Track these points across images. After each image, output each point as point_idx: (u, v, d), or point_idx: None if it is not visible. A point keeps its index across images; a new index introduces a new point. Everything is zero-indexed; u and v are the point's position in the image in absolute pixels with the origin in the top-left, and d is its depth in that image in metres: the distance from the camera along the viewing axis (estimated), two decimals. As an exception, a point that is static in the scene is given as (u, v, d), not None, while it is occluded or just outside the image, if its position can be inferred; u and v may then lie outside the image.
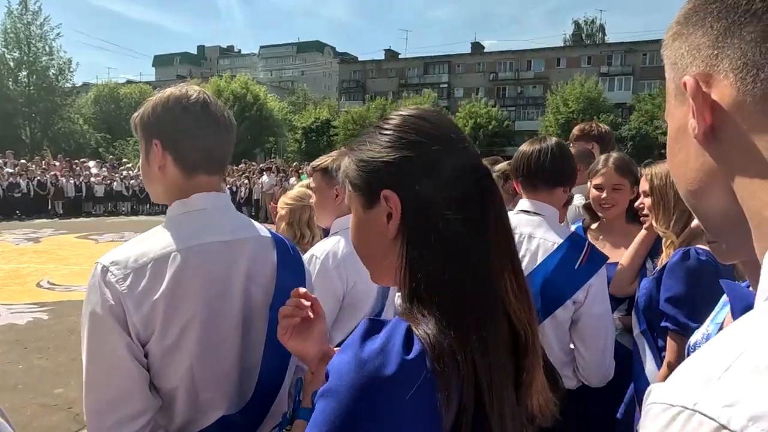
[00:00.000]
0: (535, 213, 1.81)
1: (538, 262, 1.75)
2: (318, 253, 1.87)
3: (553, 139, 1.88)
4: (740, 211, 0.48)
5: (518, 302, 0.75)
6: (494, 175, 2.99)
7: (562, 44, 53.33)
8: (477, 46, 55.58)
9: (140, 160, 1.29)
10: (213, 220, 1.22)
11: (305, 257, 1.88)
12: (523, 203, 1.86)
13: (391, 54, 58.81)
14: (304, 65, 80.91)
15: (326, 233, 2.17)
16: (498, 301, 0.74)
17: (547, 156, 1.80)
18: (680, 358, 1.75)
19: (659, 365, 1.86)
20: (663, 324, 1.82)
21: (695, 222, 0.65)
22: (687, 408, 0.35)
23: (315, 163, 2.06)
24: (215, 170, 1.27)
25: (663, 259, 1.90)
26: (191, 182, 1.22)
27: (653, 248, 2.28)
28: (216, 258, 1.18)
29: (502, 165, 2.91)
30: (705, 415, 0.33)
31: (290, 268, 1.32)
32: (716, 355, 0.37)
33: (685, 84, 0.49)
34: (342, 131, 44.42)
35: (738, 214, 0.49)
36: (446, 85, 52.38)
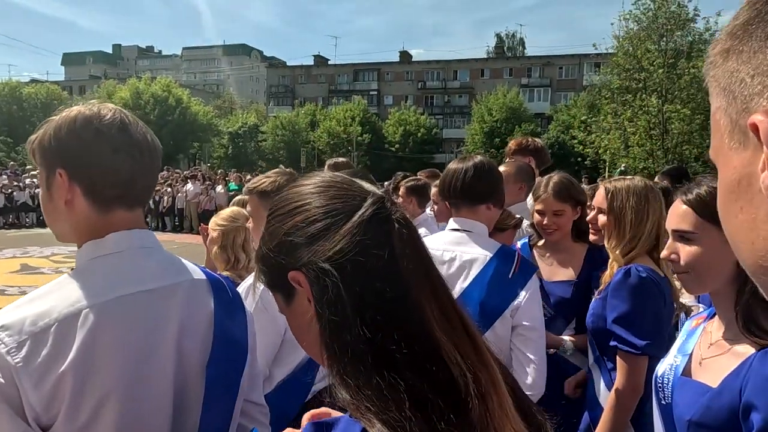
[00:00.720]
0: (464, 230, 1.85)
1: (473, 276, 1.77)
2: (257, 283, 1.69)
3: (477, 158, 1.91)
4: None
5: (450, 342, 0.65)
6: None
7: (485, 56, 55.50)
8: (405, 55, 56.53)
9: (40, 193, 1.06)
10: (134, 265, 1.02)
11: (241, 288, 1.69)
12: (452, 222, 1.89)
13: (320, 59, 58.47)
14: (230, 68, 78.35)
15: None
16: (442, 360, 0.63)
17: (461, 176, 1.84)
18: (630, 376, 1.74)
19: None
20: (612, 343, 1.81)
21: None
22: None
23: (251, 185, 1.88)
24: (136, 203, 1.07)
25: (606, 279, 1.90)
26: (106, 219, 1.02)
27: (597, 263, 2.30)
28: (139, 313, 0.98)
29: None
30: None
31: (230, 314, 1.14)
32: None
33: (754, 125, 0.39)
34: (271, 137, 43.39)
35: None
36: (376, 92, 52.79)
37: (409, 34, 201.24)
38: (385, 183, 7.42)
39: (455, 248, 1.82)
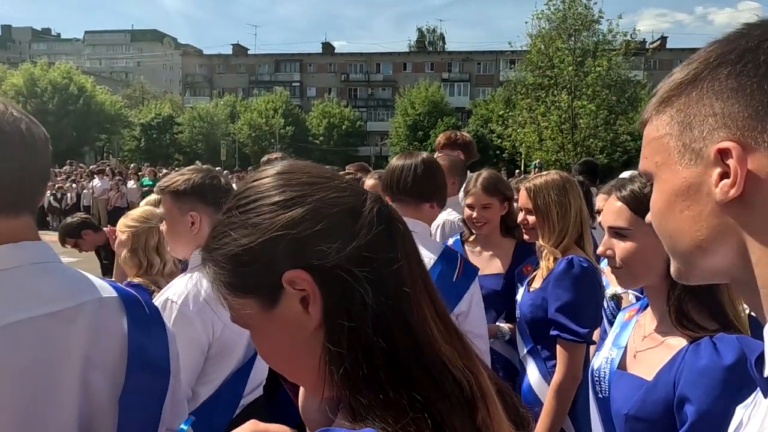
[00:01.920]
0: None
1: None
2: (174, 297, 1.52)
3: (422, 155, 1.86)
4: (742, 270, 0.54)
5: (450, 346, 0.63)
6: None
7: (407, 50, 56.21)
8: (328, 47, 55.92)
9: None
10: (24, 286, 0.86)
11: (158, 302, 1.52)
12: None
13: (239, 49, 56.30)
14: (140, 55, 73.34)
15: (184, 266, 1.81)
16: (446, 367, 0.61)
17: (410, 172, 1.78)
18: (571, 364, 1.79)
19: (548, 378, 1.89)
20: (553, 333, 1.85)
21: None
22: None
23: (163, 183, 1.69)
24: (22, 209, 0.89)
25: (543, 272, 1.95)
26: None
27: (525, 257, 2.36)
28: (31, 344, 0.83)
29: None
30: None
31: (148, 333, 1.00)
32: None
33: (726, 149, 0.52)
34: (188, 128, 41.24)
35: (737, 272, 0.55)
36: (298, 84, 51.81)
37: (331, 26, 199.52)
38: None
39: None
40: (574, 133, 22.97)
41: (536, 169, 13.87)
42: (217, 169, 3.84)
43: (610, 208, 1.24)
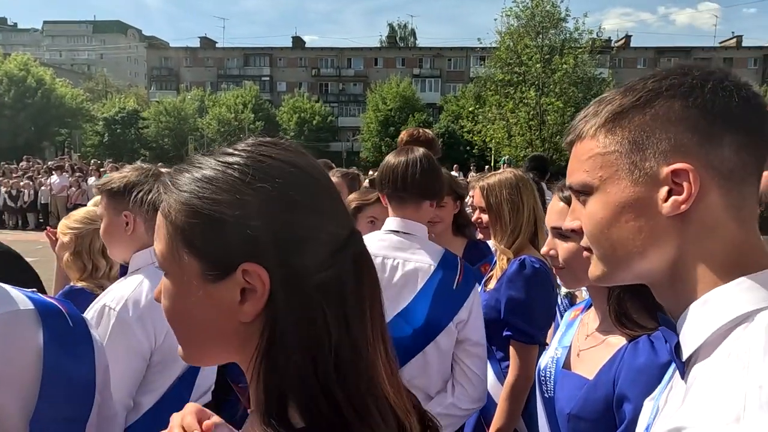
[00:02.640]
0: (405, 233, 1.71)
1: (419, 287, 1.66)
2: (112, 303, 1.45)
3: (421, 150, 1.77)
4: (667, 274, 0.64)
5: (394, 390, 0.62)
6: (335, 179, 2.77)
7: (378, 45, 56.06)
8: (298, 41, 55.24)
9: None
10: None
11: (95, 308, 1.46)
12: (392, 222, 1.74)
13: (207, 42, 55.07)
14: (102, 47, 70.98)
15: (123, 270, 1.73)
16: (390, 408, 0.61)
17: (416, 168, 1.68)
18: (524, 365, 1.79)
19: (502, 379, 1.89)
20: (505, 334, 1.85)
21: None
22: None
23: (102, 181, 1.62)
24: None
25: (498, 272, 1.95)
26: None
27: (476, 256, 2.37)
28: None
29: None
30: None
31: (68, 348, 0.94)
32: (728, 398, 0.52)
33: (675, 171, 0.60)
34: (154, 123, 40.19)
35: (662, 276, 0.64)
36: (268, 78, 51.04)
37: (301, 20, 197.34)
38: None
39: (397, 255, 1.68)
40: (542, 130, 23.35)
41: (505, 165, 14.05)
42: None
43: (553, 208, 1.24)
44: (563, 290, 2.10)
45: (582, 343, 1.22)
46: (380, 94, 39.55)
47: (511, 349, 1.83)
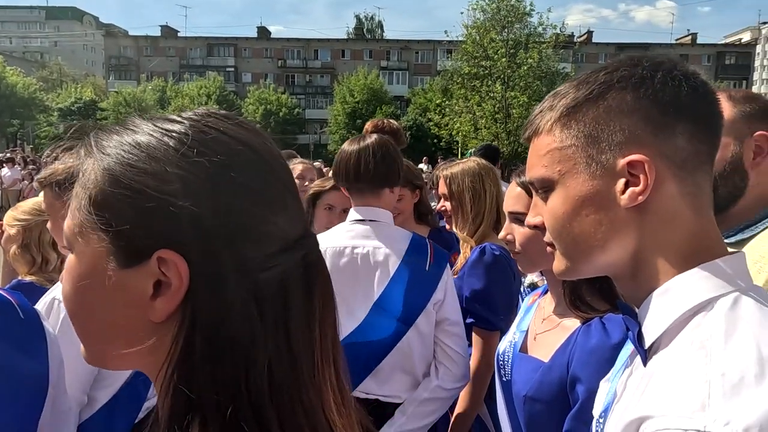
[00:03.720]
0: (370, 221, 1.69)
1: (392, 273, 1.65)
2: (62, 296, 1.39)
3: (374, 137, 1.74)
4: (628, 265, 0.64)
5: (345, 422, 0.54)
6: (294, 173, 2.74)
7: (346, 37, 55.61)
8: (263, 31, 54.21)
9: None
10: None
11: (43, 303, 1.40)
12: (356, 212, 1.72)
13: (168, 31, 53.43)
14: (56, 34, 67.89)
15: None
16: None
17: (369, 156, 1.66)
18: (485, 352, 1.81)
19: None
20: (468, 321, 1.87)
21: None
22: (700, 431, 0.50)
23: (43, 174, 1.55)
24: None
25: (461, 260, 1.96)
26: None
27: (440, 244, 2.38)
28: None
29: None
30: None
31: (19, 342, 0.90)
32: (693, 386, 0.53)
33: (640, 162, 0.60)
34: (113, 114, 38.77)
35: (623, 267, 0.65)
36: (233, 69, 49.97)
37: (266, 10, 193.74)
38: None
39: (366, 243, 1.67)
40: (507, 123, 23.70)
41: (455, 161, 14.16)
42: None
43: (510, 193, 1.25)
44: (527, 280, 2.14)
45: (538, 327, 1.24)
46: (348, 87, 39.29)
47: (473, 335, 1.85)
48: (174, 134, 0.51)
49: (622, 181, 0.62)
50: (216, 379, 0.47)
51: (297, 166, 3.27)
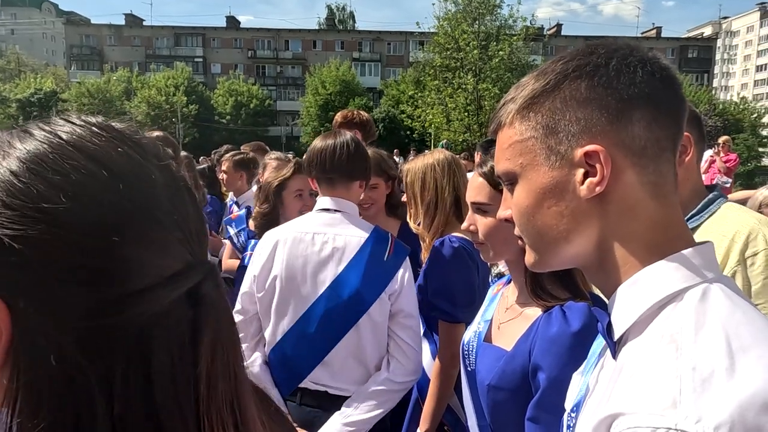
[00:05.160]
0: (335, 210, 1.76)
1: (347, 260, 1.70)
2: None
3: (348, 135, 1.83)
4: (594, 256, 0.63)
5: None
6: (267, 163, 2.71)
7: (317, 27, 54.98)
8: (233, 21, 53.14)
9: None
10: None
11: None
12: (323, 201, 1.79)
13: (133, 19, 51.87)
14: (13, 22, 65.05)
15: None
16: None
17: (343, 150, 1.76)
18: (449, 344, 1.82)
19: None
20: (433, 314, 1.87)
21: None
22: (671, 428, 0.48)
23: None
24: None
25: (424, 254, 1.96)
26: None
27: (411, 237, 2.38)
28: None
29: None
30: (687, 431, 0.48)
31: None
32: (663, 382, 0.52)
33: (595, 152, 0.59)
34: (75, 106, 37.48)
35: (590, 259, 0.64)
36: (201, 60, 48.89)
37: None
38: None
39: (327, 230, 1.73)
40: (479, 115, 23.90)
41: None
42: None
43: (472, 184, 1.25)
44: (495, 271, 2.15)
45: (502, 316, 1.25)
46: (320, 78, 38.92)
47: (440, 328, 1.86)
48: (14, 151, 0.42)
49: (580, 172, 0.60)
50: None
51: (272, 162, 3.18)
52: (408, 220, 2.01)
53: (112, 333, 0.41)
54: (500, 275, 2.19)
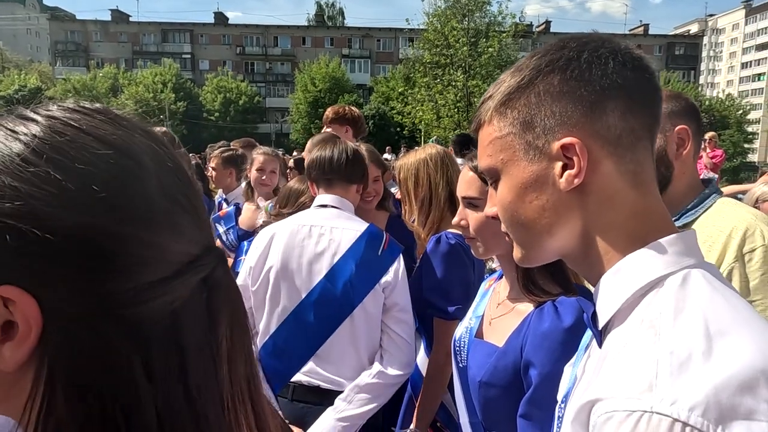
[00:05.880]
0: (333, 206, 1.81)
1: (343, 251, 1.74)
2: None
3: (348, 143, 1.92)
4: (579, 248, 0.64)
5: None
6: (259, 157, 2.72)
7: (306, 23, 54.69)
8: (221, 17, 52.68)
9: None
10: None
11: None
12: (321, 198, 1.84)
13: (119, 15, 51.18)
14: (-3, 17, 63.99)
15: None
16: None
17: (343, 155, 1.84)
18: (444, 341, 1.80)
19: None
20: (429, 311, 1.86)
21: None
22: (646, 411, 0.49)
23: None
24: None
25: (420, 250, 1.95)
26: None
27: (398, 230, 2.38)
28: None
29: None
30: (661, 413, 0.48)
31: None
32: (641, 366, 0.52)
33: (564, 146, 0.60)
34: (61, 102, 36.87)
35: (574, 250, 0.64)
36: (189, 56, 48.42)
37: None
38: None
39: (325, 223, 1.78)
40: (469, 111, 23.93)
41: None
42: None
43: (462, 178, 1.24)
44: (489, 267, 2.14)
45: (493, 312, 1.24)
46: (309, 75, 38.71)
47: (434, 326, 1.85)
48: (21, 136, 0.40)
49: (559, 165, 0.61)
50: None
51: (258, 158, 3.14)
52: (403, 217, 2.01)
53: (149, 319, 0.41)
54: (492, 271, 2.19)
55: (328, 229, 1.76)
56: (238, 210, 3.19)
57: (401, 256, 1.80)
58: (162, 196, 0.43)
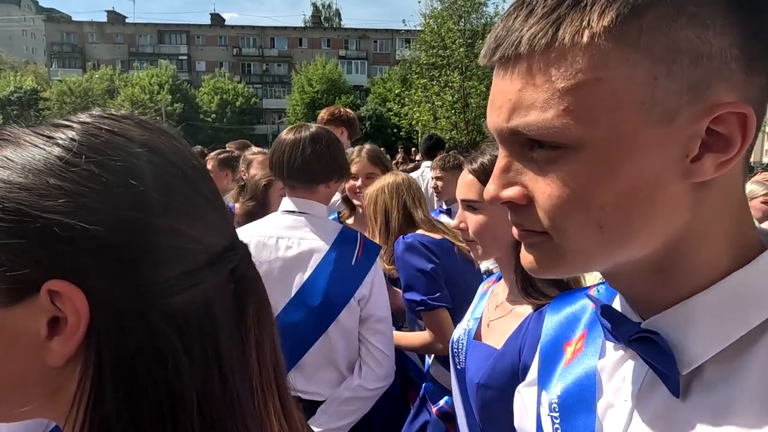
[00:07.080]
0: (300, 213, 1.67)
1: (313, 266, 1.62)
2: None
3: (311, 129, 1.66)
4: (647, 256, 0.45)
5: None
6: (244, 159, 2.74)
7: (303, 25, 54.68)
8: (217, 18, 52.62)
9: None
10: None
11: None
12: (287, 203, 1.69)
13: (115, 16, 51.08)
14: (-8, 19, 63.76)
15: None
16: None
17: (297, 152, 1.59)
18: (434, 328, 1.79)
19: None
20: (417, 310, 1.87)
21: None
22: None
23: None
24: None
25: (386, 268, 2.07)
26: None
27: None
28: None
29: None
30: None
31: None
32: None
33: (722, 116, 0.39)
34: (57, 104, 36.86)
35: (637, 258, 0.46)
36: (186, 57, 48.36)
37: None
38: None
39: (292, 234, 1.63)
40: (465, 112, 23.96)
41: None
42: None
43: (462, 181, 1.24)
44: (483, 267, 2.15)
45: (492, 314, 1.24)
46: (306, 76, 38.69)
47: (423, 320, 1.87)
48: (59, 141, 0.42)
49: (697, 142, 0.40)
50: (137, 425, 0.40)
51: (257, 157, 3.14)
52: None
53: (186, 307, 0.43)
54: (489, 272, 2.19)
55: (296, 240, 1.62)
56: (231, 213, 3.19)
57: (378, 260, 1.73)
58: (193, 191, 0.46)
